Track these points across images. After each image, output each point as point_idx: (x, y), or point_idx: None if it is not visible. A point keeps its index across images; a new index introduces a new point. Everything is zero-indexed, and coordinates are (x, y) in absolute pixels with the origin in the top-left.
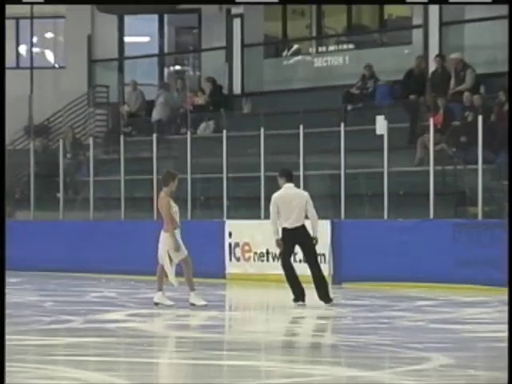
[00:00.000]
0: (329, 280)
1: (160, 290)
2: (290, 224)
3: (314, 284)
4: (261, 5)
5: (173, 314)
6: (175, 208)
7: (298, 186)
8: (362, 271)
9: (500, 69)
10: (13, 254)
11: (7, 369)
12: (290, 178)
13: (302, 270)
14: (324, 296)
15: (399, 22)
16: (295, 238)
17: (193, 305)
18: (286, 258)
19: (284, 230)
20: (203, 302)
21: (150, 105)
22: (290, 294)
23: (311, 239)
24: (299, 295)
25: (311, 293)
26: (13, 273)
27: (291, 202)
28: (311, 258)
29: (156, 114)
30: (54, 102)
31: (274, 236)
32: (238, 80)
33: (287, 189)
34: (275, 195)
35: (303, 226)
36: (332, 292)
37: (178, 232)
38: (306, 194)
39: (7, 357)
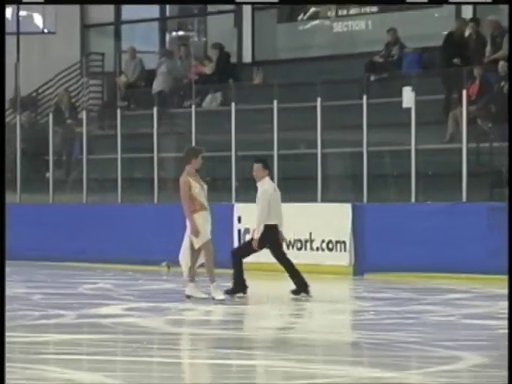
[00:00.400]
0: (350, 271)
1: (192, 281)
2: (278, 220)
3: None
4: (261, 4)
5: (175, 308)
6: (197, 188)
7: (316, 165)
8: (386, 261)
9: None
10: None
11: None
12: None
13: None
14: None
15: None
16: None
17: (213, 299)
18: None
19: (271, 226)
20: (222, 297)
21: (151, 75)
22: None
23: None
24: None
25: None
26: None
27: (278, 196)
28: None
29: (157, 85)
30: (42, 72)
31: (259, 234)
32: (248, 47)
33: (270, 182)
34: (269, 188)
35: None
36: (354, 284)
37: (202, 215)
38: None
39: None
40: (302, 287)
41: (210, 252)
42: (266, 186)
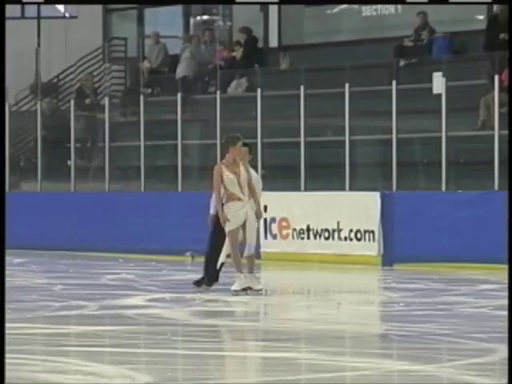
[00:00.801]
0: (378, 261)
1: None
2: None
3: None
4: (260, 5)
5: (200, 299)
6: (229, 178)
7: (343, 153)
8: (416, 250)
9: None
10: (17, 230)
11: (12, 361)
12: None
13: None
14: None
15: None
16: None
17: (234, 291)
18: None
19: None
20: (238, 288)
21: (174, 60)
22: (332, 277)
23: None
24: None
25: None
26: (17, 252)
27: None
28: None
29: (181, 71)
30: (63, 57)
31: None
32: (274, 31)
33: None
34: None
35: None
36: (382, 274)
37: (233, 205)
38: None
39: (11, 347)
40: (209, 279)
41: (233, 241)
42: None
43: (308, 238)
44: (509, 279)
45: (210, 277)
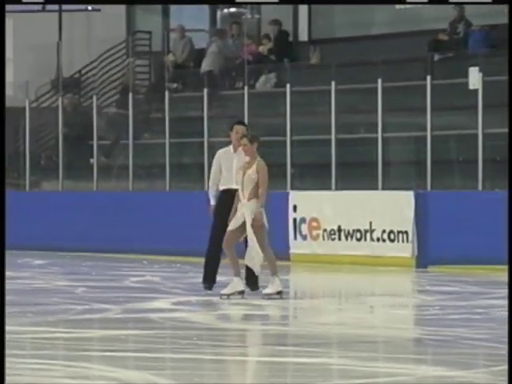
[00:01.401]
0: (412, 263)
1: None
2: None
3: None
4: (261, 4)
5: (227, 302)
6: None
7: (376, 150)
8: (452, 252)
9: None
10: (38, 230)
11: (32, 366)
12: None
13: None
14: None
15: None
16: None
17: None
18: None
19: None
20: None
21: (200, 54)
22: (364, 279)
23: None
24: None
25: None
26: (38, 253)
27: None
28: None
29: (207, 66)
30: (86, 52)
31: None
32: (304, 24)
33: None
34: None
35: None
36: (416, 277)
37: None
38: None
39: (32, 352)
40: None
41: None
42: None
43: (339, 238)
44: (509, 279)
45: (208, 278)
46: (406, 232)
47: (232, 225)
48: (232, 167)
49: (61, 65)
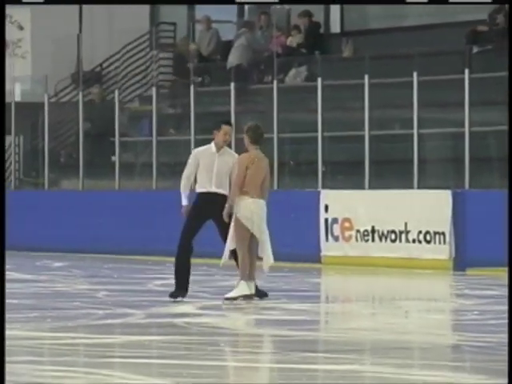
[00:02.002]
0: (450, 265)
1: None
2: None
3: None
4: (261, 4)
5: (255, 306)
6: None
7: (411, 147)
8: (491, 254)
9: None
10: (57, 231)
11: (52, 373)
12: None
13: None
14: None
15: None
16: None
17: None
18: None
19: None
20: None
21: (227, 47)
22: (399, 282)
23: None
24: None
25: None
26: (57, 255)
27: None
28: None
29: (234, 59)
30: (107, 44)
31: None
32: (336, 16)
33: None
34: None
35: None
36: (454, 280)
37: None
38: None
39: (51, 359)
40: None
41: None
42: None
43: (373, 240)
44: (509, 279)
45: (181, 286)
46: (443, 233)
47: (250, 227)
48: (213, 168)
49: (81, 58)
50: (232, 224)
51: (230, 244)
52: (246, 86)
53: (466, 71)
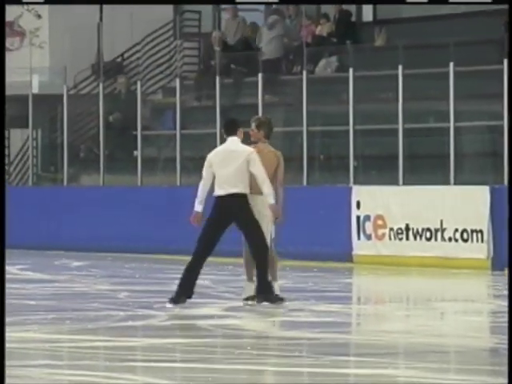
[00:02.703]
0: (488, 265)
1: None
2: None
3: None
4: (261, 4)
5: (284, 308)
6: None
7: (448, 141)
8: None
9: None
10: (76, 229)
11: (71, 378)
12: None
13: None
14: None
15: None
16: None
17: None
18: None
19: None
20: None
21: (254, 35)
22: (435, 283)
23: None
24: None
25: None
26: (76, 255)
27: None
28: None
29: (271, 51)
30: (129, 34)
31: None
32: (368, 4)
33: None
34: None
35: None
36: (492, 280)
37: None
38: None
39: (70, 362)
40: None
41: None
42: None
43: (407, 238)
44: (509, 280)
45: (184, 290)
46: (481, 231)
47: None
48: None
49: (102, 48)
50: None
51: None
52: (274, 76)
53: (505, 61)
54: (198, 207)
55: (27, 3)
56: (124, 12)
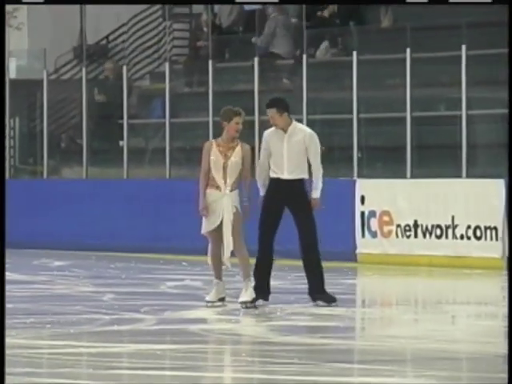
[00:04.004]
0: (502, 264)
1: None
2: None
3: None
4: (261, 4)
5: (282, 311)
6: (214, 160)
7: (459, 131)
8: None
9: None
10: (57, 226)
11: None
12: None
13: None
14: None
15: None
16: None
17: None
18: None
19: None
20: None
21: (251, 18)
22: (445, 284)
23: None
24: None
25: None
26: (57, 253)
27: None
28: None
29: (258, 31)
30: (115, 14)
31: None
32: None
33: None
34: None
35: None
36: (507, 281)
37: (211, 193)
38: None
39: (51, 370)
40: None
41: (213, 244)
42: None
43: (415, 236)
44: (509, 280)
45: (262, 286)
46: (495, 228)
47: (213, 223)
48: (282, 152)
49: (85, 30)
50: (231, 220)
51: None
52: (271, 61)
53: None
54: None
55: (27, 3)
56: None
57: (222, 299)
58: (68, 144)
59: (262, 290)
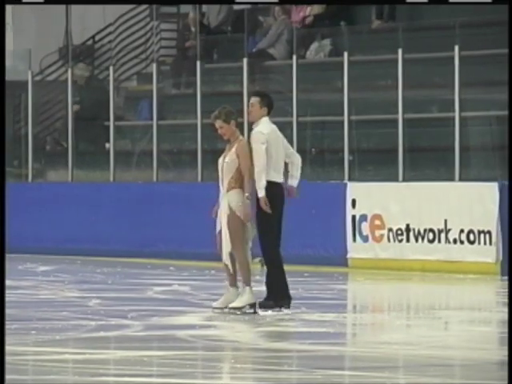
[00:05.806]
0: (496, 269)
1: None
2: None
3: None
4: (260, 4)
5: (271, 317)
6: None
7: (452, 133)
8: None
9: None
10: (42, 230)
11: None
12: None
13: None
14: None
15: None
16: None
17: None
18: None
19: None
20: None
21: (240, 17)
22: (438, 289)
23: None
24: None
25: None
26: (43, 258)
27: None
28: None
29: (278, 54)
30: (101, 14)
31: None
32: None
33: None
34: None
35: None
36: (501, 286)
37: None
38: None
39: (36, 377)
40: (280, 298)
41: (220, 247)
42: (261, 128)
43: (407, 240)
44: (509, 280)
45: (282, 292)
46: (489, 232)
47: (217, 226)
48: (280, 153)
49: (70, 30)
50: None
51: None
52: (260, 62)
53: None
54: None
55: (27, 3)
56: None
57: (251, 305)
58: (53, 146)
59: (283, 296)
